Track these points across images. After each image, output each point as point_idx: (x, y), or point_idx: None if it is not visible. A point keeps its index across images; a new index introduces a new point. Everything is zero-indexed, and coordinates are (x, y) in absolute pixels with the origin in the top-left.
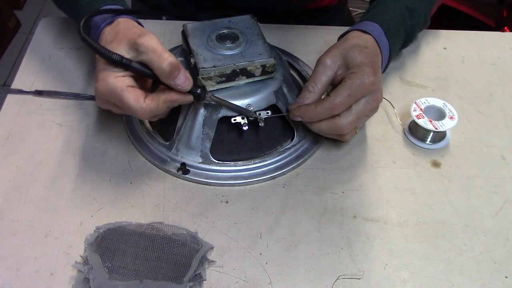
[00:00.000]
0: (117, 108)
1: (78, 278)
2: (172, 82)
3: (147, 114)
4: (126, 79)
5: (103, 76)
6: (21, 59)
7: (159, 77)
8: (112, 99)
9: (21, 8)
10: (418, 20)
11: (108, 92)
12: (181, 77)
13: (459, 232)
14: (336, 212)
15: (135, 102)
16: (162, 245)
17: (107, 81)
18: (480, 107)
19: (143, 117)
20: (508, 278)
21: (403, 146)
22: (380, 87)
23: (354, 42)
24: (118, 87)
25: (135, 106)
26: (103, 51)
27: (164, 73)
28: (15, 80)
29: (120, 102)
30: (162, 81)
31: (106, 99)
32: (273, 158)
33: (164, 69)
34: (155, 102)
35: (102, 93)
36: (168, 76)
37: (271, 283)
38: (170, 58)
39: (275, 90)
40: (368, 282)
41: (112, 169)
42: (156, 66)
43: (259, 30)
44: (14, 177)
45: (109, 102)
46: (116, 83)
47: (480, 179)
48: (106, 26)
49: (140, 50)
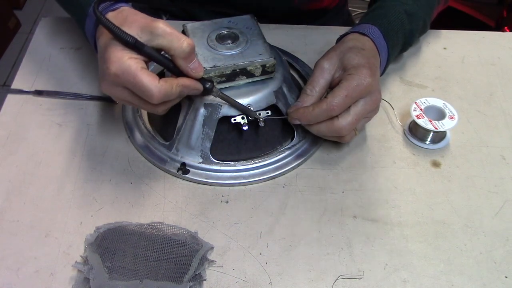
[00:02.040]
0: (126, 93)
1: (78, 278)
2: (188, 65)
3: (161, 95)
4: (140, 61)
5: (117, 55)
6: (21, 59)
7: (176, 58)
8: (124, 80)
9: (21, 8)
10: (417, 24)
11: (122, 72)
12: (196, 62)
13: (459, 232)
14: (336, 212)
15: (151, 81)
16: (162, 245)
17: (121, 61)
18: (480, 107)
19: (156, 99)
20: (508, 278)
21: (403, 146)
22: (378, 88)
23: (352, 44)
24: (133, 66)
25: (150, 85)
26: (118, 31)
27: (183, 54)
28: (15, 80)
29: (132, 83)
30: (178, 63)
31: (116, 81)
32: (273, 158)
33: (184, 49)
34: (169, 84)
35: (116, 73)
36: (186, 57)
37: (271, 283)
38: (189, 40)
39: (275, 90)
40: (368, 282)
41: (112, 169)
42: (175, 47)
43: (259, 30)
44: (14, 177)
45: (118, 86)
46: (131, 62)
47: (480, 179)
48: (109, 12)
49: (156, 33)
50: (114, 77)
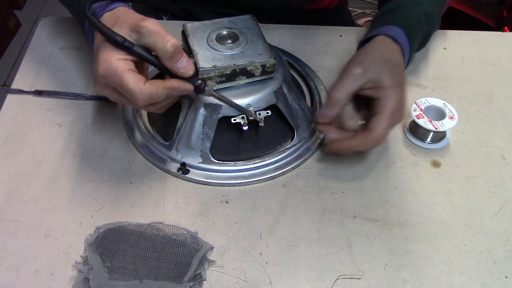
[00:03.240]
0: (116, 93)
1: (78, 278)
2: (174, 65)
3: (145, 98)
4: (128, 63)
5: (105, 57)
6: (21, 59)
7: (162, 59)
8: (111, 81)
9: (21, 8)
10: (433, 25)
11: (108, 73)
12: (183, 61)
13: (459, 232)
14: (336, 212)
15: (135, 84)
16: (162, 245)
17: (109, 62)
18: (480, 107)
19: (141, 102)
20: (508, 278)
21: (403, 146)
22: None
23: (386, 56)
24: (120, 68)
25: (134, 88)
26: (107, 31)
27: (167, 54)
28: (15, 80)
29: (119, 85)
30: (164, 64)
31: (105, 82)
32: (273, 158)
33: (168, 50)
34: (155, 87)
35: (103, 74)
36: (171, 58)
37: (271, 283)
38: (174, 40)
39: (275, 90)
40: (368, 282)
41: (112, 169)
42: (159, 47)
43: (259, 30)
44: (14, 177)
45: (108, 87)
46: (118, 64)
47: (480, 179)
48: (106, 12)
49: (142, 32)
50: (102, 78)
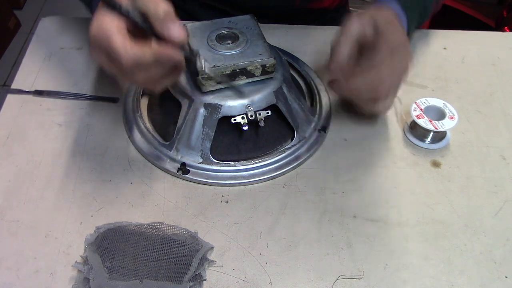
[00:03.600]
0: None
1: (78, 278)
2: (165, 31)
3: (130, 59)
4: (121, 25)
5: (100, 19)
6: (21, 59)
7: (153, 24)
8: (100, 42)
9: (21, 8)
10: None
11: (98, 33)
12: (175, 27)
13: (459, 232)
14: (336, 212)
15: (121, 43)
16: (162, 245)
17: (100, 22)
18: (480, 107)
19: (125, 61)
20: (508, 278)
21: (403, 146)
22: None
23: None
24: (109, 28)
25: (120, 47)
26: None
27: (158, 20)
28: (15, 80)
29: (106, 44)
30: (155, 28)
31: (95, 43)
32: (273, 158)
33: (159, 15)
34: (141, 50)
35: (94, 34)
36: (161, 23)
37: (271, 283)
38: (165, 5)
39: (275, 90)
40: (368, 282)
41: (112, 169)
42: (151, 12)
43: (259, 30)
44: (14, 177)
45: (100, 51)
46: (108, 25)
47: (480, 179)
48: None
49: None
50: (93, 39)
